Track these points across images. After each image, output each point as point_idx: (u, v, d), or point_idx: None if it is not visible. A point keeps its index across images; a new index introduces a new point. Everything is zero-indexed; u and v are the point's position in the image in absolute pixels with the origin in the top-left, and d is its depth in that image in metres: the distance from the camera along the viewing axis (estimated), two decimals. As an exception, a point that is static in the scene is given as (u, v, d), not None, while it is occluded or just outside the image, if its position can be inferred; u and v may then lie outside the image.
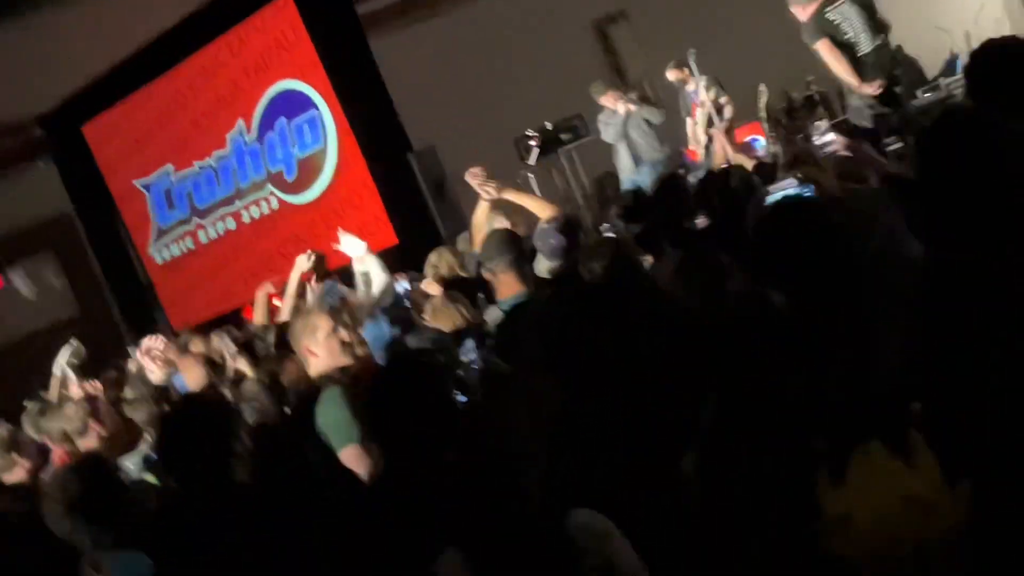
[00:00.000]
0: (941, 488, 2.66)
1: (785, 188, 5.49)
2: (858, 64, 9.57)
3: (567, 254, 6.04)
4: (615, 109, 12.19)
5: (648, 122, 12.19)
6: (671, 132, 12.63)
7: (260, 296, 8.53)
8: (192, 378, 5.71)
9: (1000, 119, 3.46)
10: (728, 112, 11.78)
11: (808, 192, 5.34)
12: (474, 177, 7.32)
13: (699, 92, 11.69)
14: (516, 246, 5.61)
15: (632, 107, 12.01)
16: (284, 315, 8.01)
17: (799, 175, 5.17)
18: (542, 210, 6.94)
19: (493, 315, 5.13)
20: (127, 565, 3.66)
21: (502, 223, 7.39)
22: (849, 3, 9.97)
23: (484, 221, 7.46)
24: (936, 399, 2.85)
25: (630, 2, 16.26)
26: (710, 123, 11.50)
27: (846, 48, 9.63)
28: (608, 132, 12.21)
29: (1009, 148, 3.32)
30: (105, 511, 3.87)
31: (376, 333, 5.54)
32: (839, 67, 9.48)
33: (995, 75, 3.83)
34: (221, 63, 13.42)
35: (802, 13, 10.17)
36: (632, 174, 11.95)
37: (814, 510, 2.65)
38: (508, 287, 5.43)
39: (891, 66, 9.78)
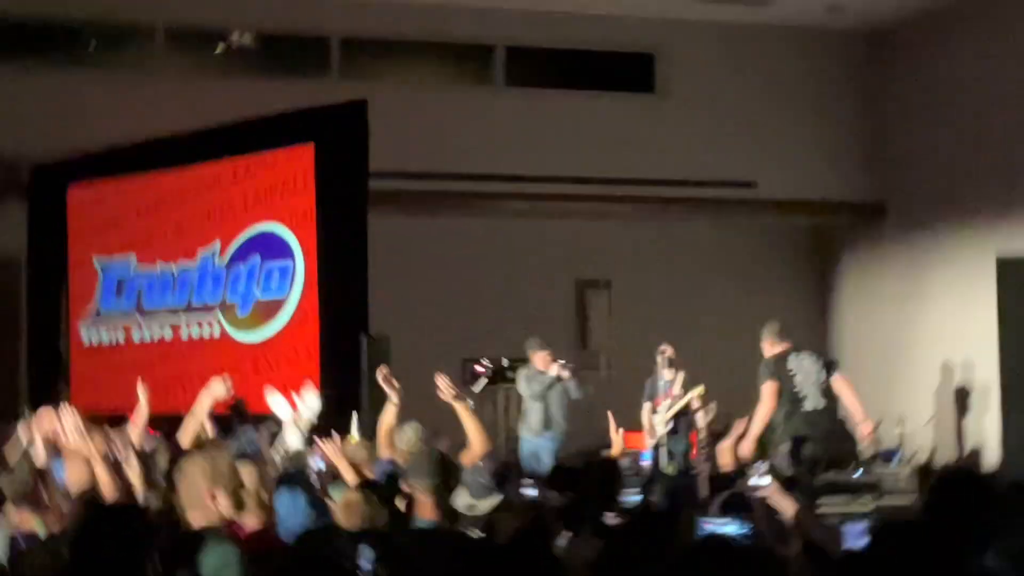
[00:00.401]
0: None
1: (725, 525, 5.56)
2: (792, 417, 9.88)
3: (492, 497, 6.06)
4: (544, 370, 12.28)
5: (567, 394, 12.34)
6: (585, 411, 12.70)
7: (203, 413, 8.27)
8: (74, 474, 5.56)
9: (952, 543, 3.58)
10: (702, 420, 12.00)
11: (743, 533, 5.39)
12: (385, 379, 7.36)
13: (674, 386, 11.91)
14: (448, 474, 5.61)
15: (564, 373, 12.16)
16: (184, 438, 7.85)
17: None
18: (478, 441, 6.91)
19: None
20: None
21: (413, 435, 7.42)
22: (811, 359, 10.30)
23: (404, 429, 7.50)
24: None
25: (616, 277, 16.59)
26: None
27: (791, 400, 9.95)
28: (529, 388, 12.28)
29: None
30: None
31: (288, 504, 5.46)
32: (762, 416, 9.82)
33: (952, 504, 3.97)
34: (224, 181, 13.53)
35: (768, 349, 10.51)
36: (537, 436, 11.99)
37: None
38: (424, 509, 5.42)
39: (816, 433, 10.08)
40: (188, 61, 15.64)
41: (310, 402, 8.33)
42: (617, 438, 8.29)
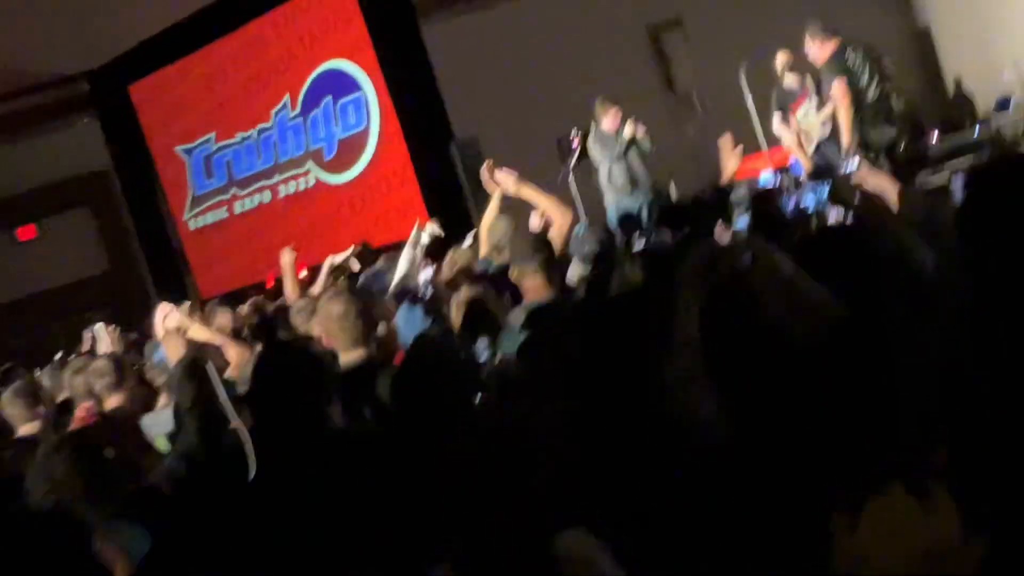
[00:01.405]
0: (959, 540, 2.59)
1: (813, 188, 5.53)
2: (860, 112, 9.66)
3: (602, 261, 5.98)
4: (614, 128, 11.82)
5: (642, 151, 11.93)
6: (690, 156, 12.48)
7: (287, 265, 8.42)
8: (170, 352, 5.65)
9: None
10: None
11: (826, 190, 5.32)
12: (489, 169, 7.20)
13: (825, 86, 11.23)
14: (549, 248, 5.53)
15: (640, 131, 11.70)
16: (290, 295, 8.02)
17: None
18: (558, 215, 6.81)
19: (515, 317, 5.04)
20: (131, 541, 3.62)
21: (506, 226, 7.32)
22: (862, 53, 10.00)
23: (494, 222, 7.40)
24: (964, 447, 2.79)
25: (685, 11, 16.16)
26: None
27: (856, 94, 9.70)
28: (607, 151, 11.84)
29: None
30: (95, 491, 3.81)
31: (408, 318, 5.51)
32: (847, 114, 9.56)
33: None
34: (273, 36, 13.42)
35: (820, 50, 10.16)
36: (626, 196, 11.66)
37: (827, 550, 2.59)
38: (535, 291, 5.34)
39: (892, 118, 9.87)
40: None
41: (431, 230, 8.23)
42: (732, 160, 8.00)
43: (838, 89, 9.75)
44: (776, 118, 11.43)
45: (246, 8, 13.41)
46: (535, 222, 7.39)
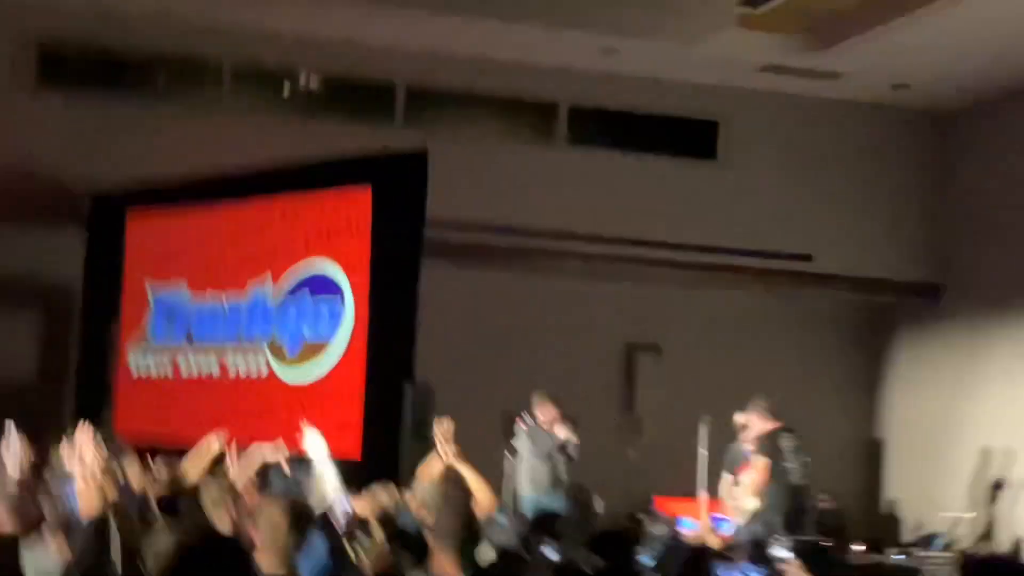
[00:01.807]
0: None
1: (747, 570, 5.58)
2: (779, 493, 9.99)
3: (510, 559, 5.97)
4: (548, 424, 11.88)
5: (569, 455, 11.98)
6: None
7: (208, 452, 8.39)
8: (84, 504, 5.53)
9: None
10: None
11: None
12: (443, 431, 7.28)
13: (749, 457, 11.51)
14: (473, 533, 5.51)
15: (572, 437, 11.79)
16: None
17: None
18: (485, 498, 6.84)
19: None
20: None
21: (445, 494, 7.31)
22: (795, 445, 10.50)
23: (432, 485, 7.40)
24: None
25: (666, 342, 16.50)
26: None
27: (780, 475, 10.10)
28: (535, 447, 11.85)
29: None
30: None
31: (309, 547, 5.41)
32: (757, 488, 9.90)
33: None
34: (281, 218, 13.59)
35: (758, 424, 10.54)
36: (544, 496, 11.67)
37: None
38: (442, 569, 5.31)
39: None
40: (254, 100, 15.80)
41: (312, 444, 8.22)
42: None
43: (760, 463, 10.08)
44: (726, 480, 11.61)
45: (266, 183, 13.59)
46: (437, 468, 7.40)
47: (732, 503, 11.24)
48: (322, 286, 13.12)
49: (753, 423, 10.94)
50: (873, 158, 16.51)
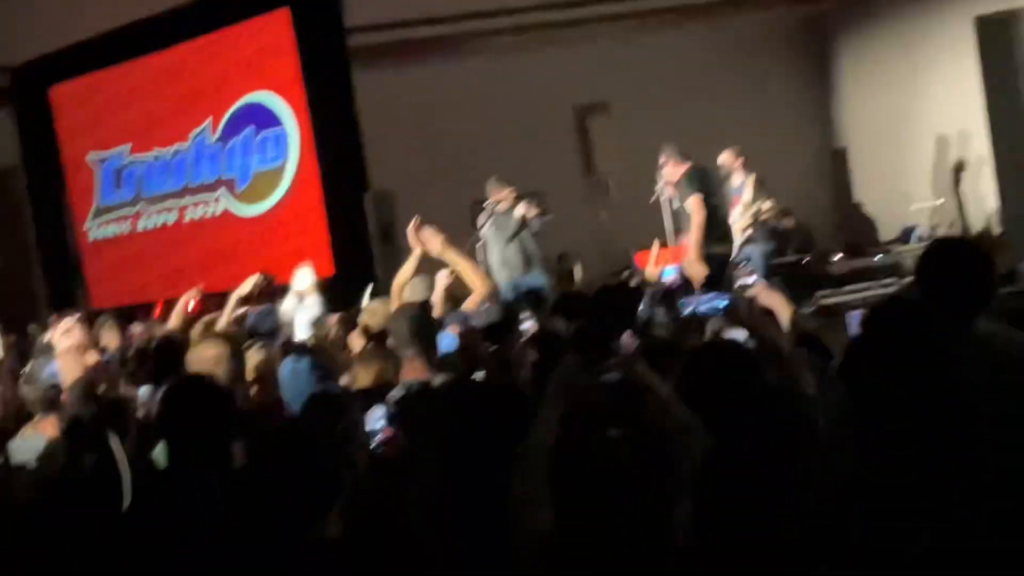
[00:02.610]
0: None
1: (710, 300, 5.67)
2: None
3: (501, 338, 6.03)
4: (508, 209, 11.86)
5: (532, 230, 11.97)
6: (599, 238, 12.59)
7: (183, 301, 8.43)
8: (67, 370, 5.57)
9: (943, 317, 3.57)
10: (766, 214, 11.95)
11: (725, 303, 5.46)
12: (417, 227, 7.28)
13: (744, 189, 11.77)
14: (427, 333, 5.54)
15: (531, 212, 11.77)
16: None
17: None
18: (478, 282, 6.89)
19: (393, 393, 5.04)
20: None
21: (423, 289, 7.34)
22: (713, 174, 10.65)
23: (412, 283, 7.43)
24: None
25: (614, 96, 16.38)
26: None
27: (711, 209, 10.23)
28: (500, 232, 11.85)
29: (945, 346, 3.42)
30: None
31: (289, 373, 5.44)
32: (699, 227, 9.94)
33: (942, 275, 3.92)
34: (205, 58, 13.37)
35: (673, 169, 10.66)
36: (521, 276, 11.71)
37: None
38: (413, 372, 5.36)
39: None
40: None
41: (302, 277, 8.27)
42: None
43: (695, 203, 10.17)
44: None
45: (182, 27, 13.33)
46: (443, 283, 7.41)
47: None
48: (262, 117, 13.01)
49: (669, 168, 11.02)
50: None
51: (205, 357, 5.15)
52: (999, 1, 11.23)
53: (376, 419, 4.38)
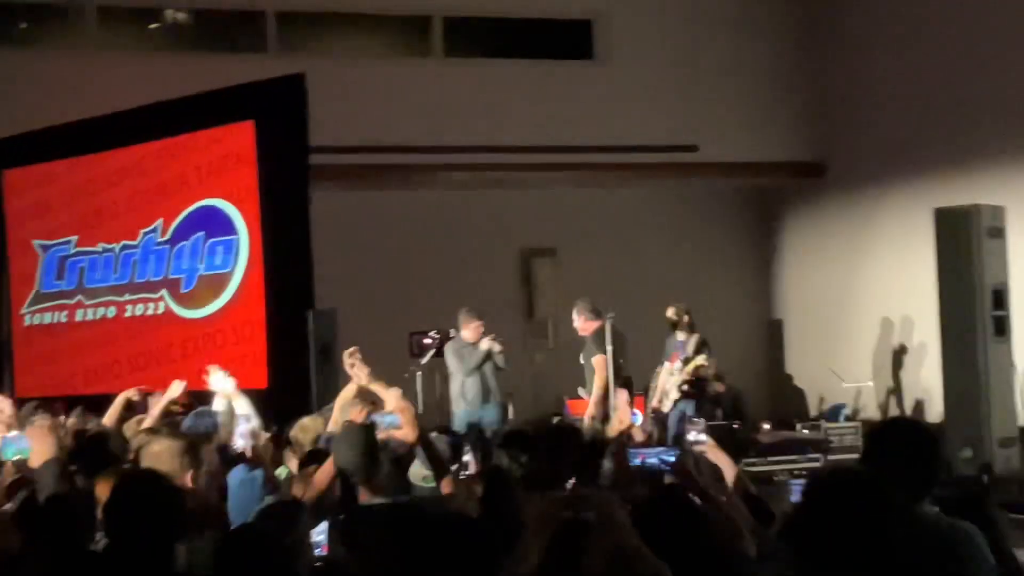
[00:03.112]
0: None
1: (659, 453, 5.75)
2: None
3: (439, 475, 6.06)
4: (475, 341, 12.13)
5: (496, 365, 12.23)
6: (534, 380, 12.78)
7: (121, 399, 8.49)
8: (40, 448, 5.56)
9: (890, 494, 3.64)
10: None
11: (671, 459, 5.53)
12: (351, 356, 7.39)
13: (686, 346, 12.04)
14: (371, 458, 5.57)
15: (495, 347, 12.06)
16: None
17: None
18: (409, 424, 6.89)
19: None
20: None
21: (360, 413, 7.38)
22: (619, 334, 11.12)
23: (347, 404, 7.48)
24: None
25: (561, 242, 16.62)
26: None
27: (616, 367, 10.78)
28: (463, 362, 12.08)
29: (890, 519, 3.49)
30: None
31: (244, 481, 5.45)
32: (601, 383, 11.12)
33: (893, 453, 4.03)
34: (164, 160, 13.43)
35: (584, 324, 11.28)
36: (476, 409, 11.91)
37: None
38: (363, 493, 5.40)
39: None
40: (122, 39, 15.48)
41: (218, 381, 8.30)
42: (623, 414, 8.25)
43: (599, 361, 10.65)
44: (665, 369, 12.16)
45: (146, 127, 13.39)
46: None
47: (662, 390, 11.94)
48: (214, 223, 13.04)
49: (580, 322, 11.63)
50: (750, 36, 16.55)
51: (154, 451, 5.15)
52: (953, 194, 11.65)
53: (318, 533, 4.39)
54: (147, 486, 4.07)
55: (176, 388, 8.30)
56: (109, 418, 8.30)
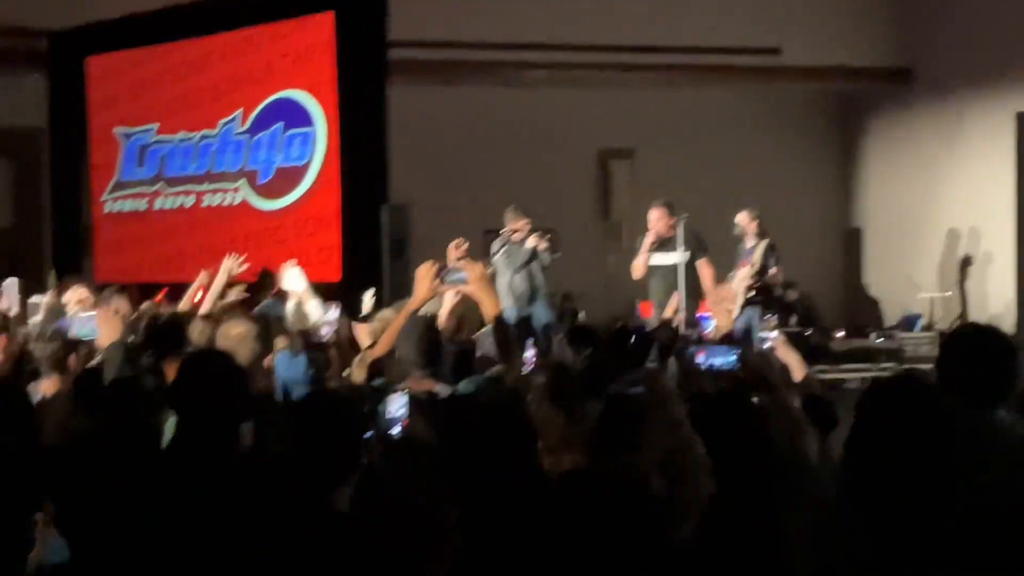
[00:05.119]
0: None
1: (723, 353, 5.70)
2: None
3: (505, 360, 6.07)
4: (521, 239, 11.91)
5: (543, 264, 12.03)
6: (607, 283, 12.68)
7: (196, 285, 8.54)
8: (106, 330, 5.65)
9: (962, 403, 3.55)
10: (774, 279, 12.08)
11: (733, 359, 5.48)
12: (458, 248, 7.34)
13: (754, 252, 11.87)
14: (434, 352, 5.58)
15: (542, 245, 11.85)
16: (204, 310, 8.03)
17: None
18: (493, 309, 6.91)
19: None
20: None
21: (432, 305, 7.38)
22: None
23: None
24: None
25: (640, 143, 16.49)
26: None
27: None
28: (511, 261, 11.90)
29: (954, 426, 3.40)
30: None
31: (290, 364, 5.52)
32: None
33: (963, 363, 3.95)
34: (244, 50, 13.45)
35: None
36: (525, 306, 11.78)
37: None
38: (419, 386, 5.43)
39: None
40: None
41: (292, 280, 8.26)
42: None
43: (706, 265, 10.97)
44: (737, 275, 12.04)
45: (226, 16, 13.43)
46: (450, 302, 7.44)
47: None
48: (292, 115, 13.07)
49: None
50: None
51: (231, 334, 5.21)
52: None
53: (397, 408, 4.37)
54: (213, 365, 4.13)
55: (230, 265, 8.30)
56: (184, 304, 8.37)
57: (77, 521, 3.59)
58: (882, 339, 13.29)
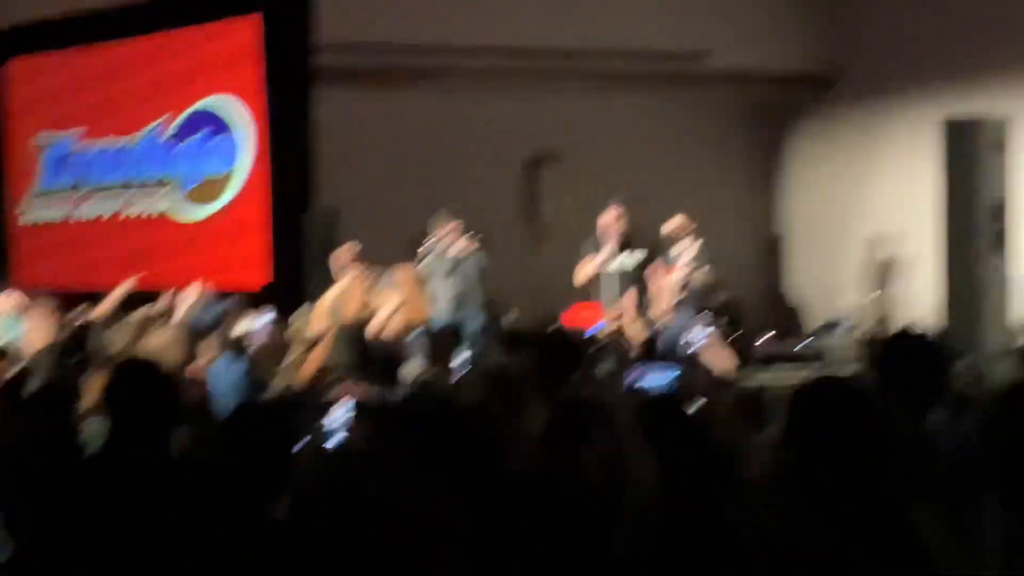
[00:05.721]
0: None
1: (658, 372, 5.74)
2: None
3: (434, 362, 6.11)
4: (450, 244, 11.80)
5: (474, 267, 11.89)
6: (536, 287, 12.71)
7: (120, 290, 8.48)
8: (37, 333, 5.63)
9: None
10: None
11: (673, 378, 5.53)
12: (350, 251, 7.32)
13: (684, 255, 11.89)
14: (365, 357, 5.61)
15: (471, 248, 11.75)
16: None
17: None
18: (421, 314, 6.95)
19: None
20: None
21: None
22: None
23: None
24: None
25: (565, 151, 16.54)
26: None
27: None
28: (438, 266, 11.79)
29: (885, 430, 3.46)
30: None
31: (228, 370, 5.50)
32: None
33: (897, 366, 4.03)
34: (171, 54, 13.34)
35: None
36: (456, 310, 11.61)
37: None
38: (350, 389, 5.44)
39: None
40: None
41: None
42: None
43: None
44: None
45: (152, 19, 13.30)
46: (383, 315, 7.48)
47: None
48: (218, 121, 12.99)
49: (615, 222, 11.46)
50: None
51: (157, 343, 5.20)
52: (963, 106, 11.53)
53: (339, 416, 4.38)
54: (143, 374, 4.11)
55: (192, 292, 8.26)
56: (105, 308, 8.29)
57: (14, 525, 3.57)
58: (805, 343, 13.42)
